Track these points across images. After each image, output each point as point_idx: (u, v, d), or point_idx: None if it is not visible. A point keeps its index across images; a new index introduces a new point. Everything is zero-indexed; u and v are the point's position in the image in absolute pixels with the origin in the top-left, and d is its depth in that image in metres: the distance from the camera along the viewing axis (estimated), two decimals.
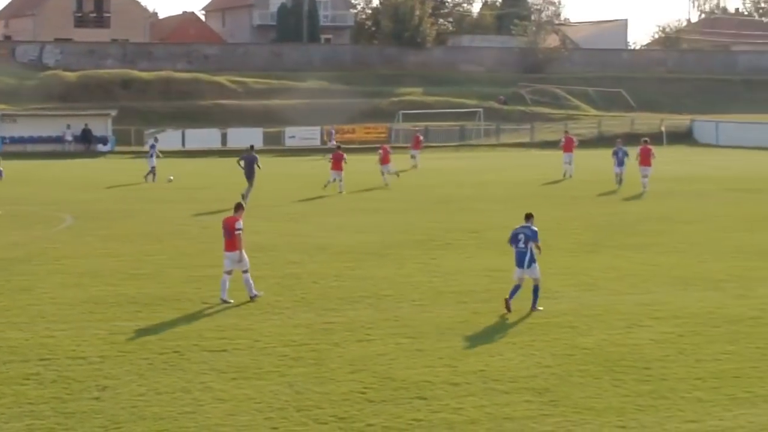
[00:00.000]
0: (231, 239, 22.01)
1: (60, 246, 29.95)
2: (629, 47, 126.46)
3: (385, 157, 49.18)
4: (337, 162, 45.45)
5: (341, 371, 16.79)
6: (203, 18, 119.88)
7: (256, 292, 22.19)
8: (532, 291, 21.09)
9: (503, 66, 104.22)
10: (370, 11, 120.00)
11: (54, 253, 28.54)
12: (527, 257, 21.01)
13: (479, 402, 15.24)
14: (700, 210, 38.31)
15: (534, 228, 21.24)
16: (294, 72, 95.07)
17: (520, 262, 21.12)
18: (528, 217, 21.53)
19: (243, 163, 42.07)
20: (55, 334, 19.23)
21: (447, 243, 30.33)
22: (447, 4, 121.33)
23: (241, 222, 22.22)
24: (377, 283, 24.06)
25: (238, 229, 21.95)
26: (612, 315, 20.77)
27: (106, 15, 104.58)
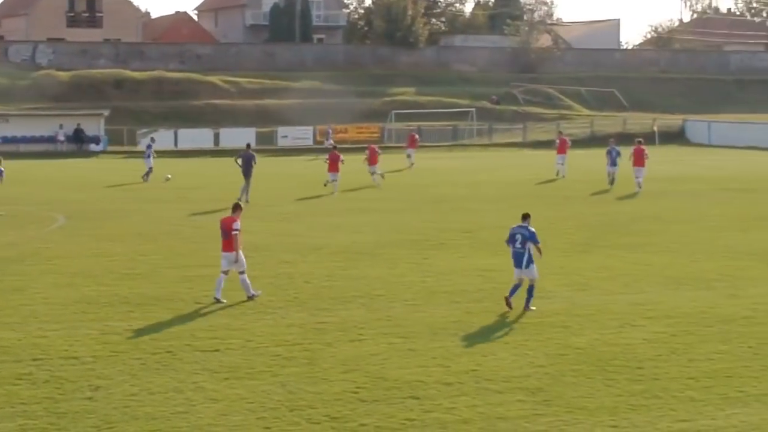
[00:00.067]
0: (228, 240, 22.02)
1: (53, 246, 29.90)
2: (622, 47, 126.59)
3: (373, 157, 48.96)
4: (333, 163, 45.31)
5: (334, 371, 16.79)
6: (196, 18, 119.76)
7: (253, 291, 22.18)
8: (526, 290, 21.12)
9: (496, 66, 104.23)
10: (362, 11, 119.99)
11: (47, 253, 28.50)
12: (525, 258, 21.00)
13: (472, 402, 15.26)
14: (692, 210, 38.36)
15: (531, 228, 21.23)
16: (287, 72, 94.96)
17: (518, 262, 21.12)
18: (525, 217, 21.53)
19: (240, 161, 42.56)
20: (48, 334, 19.21)
21: (440, 243, 30.33)
22: (439, 3, 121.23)
23: (239, 223, 22.22)
24: (370, 283, 24.07)
25: (235, 230, 21.95)
26: (605, 315, 20.80)
27: (98, 15, 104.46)
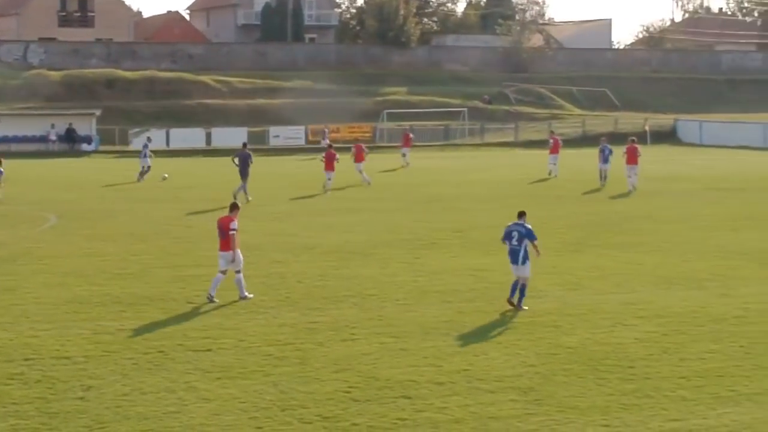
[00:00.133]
0: (225, 239, 22.01)
1: (44, 246, 29.85)
2: (613, 47, 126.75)
3: (359, 155, 49.24)
4: (330, 162, 45.55)
5: (326, 371, 16.79)
6: (188, 17, 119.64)
7: (246, 293, 22.18)
8: (518, 290, 21.16)
9: (487, 65, 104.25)
10: (354, 10, 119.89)
11: (38, 253, 28.46)
12: (521, 254, 21.12)
13: (464, 401, 15.27)
14: (683, 209, 38.41)
15: (528, 225, 21.37)
16: (278, 71, 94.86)
17: (514, 259, 21.25)
18: (521, 215, 21.65)
19: (237, 161, 42.61)
20: (40, 333, 19.18)
21: (432, 242, 30.34)
22: (431, 3, 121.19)
23: (236, 222, 22.21)
24: (362, 283, 24.07)
25: (232, 230, 21.95)
26: (596, 314, 20.83)
27: (90, 14, 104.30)
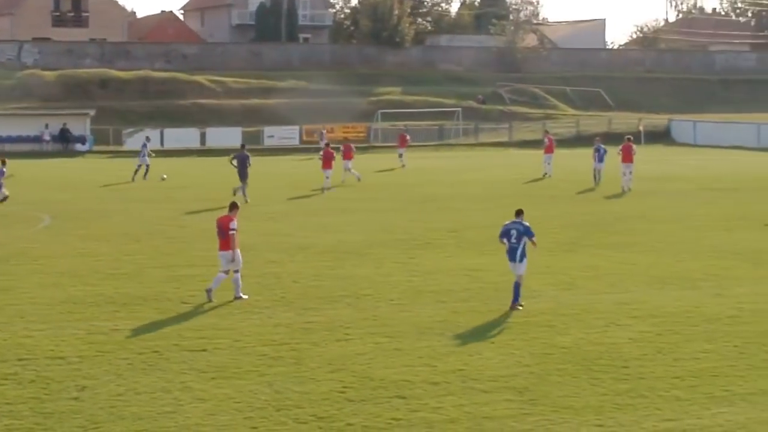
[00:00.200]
0: (225, 239, 22.03)
1: (38, 246, 29.83)
2: (607, 47, 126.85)
3: (347, 153, 49.60)
4: (328, 161, 45.81)
5: (321, 371, 16.80)
6: (182, 17, 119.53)
7: (241, 294, 22.18)
8: (513, 288, 21.21)
9: (481, 65, 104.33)
10: (348, 11, 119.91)
11: (32, 253, 28.43)
12: (519, 252, 21.22)
13: (459, 401, 15.28)
14: (677, 209, 38.46)
15: (526, 223, 21.51)
16: (273, 71, 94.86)
17: (512, 257, 21.37)
18: (518, 213, 21.78)
19: (236, 162, 42.53)
20: (34, 334, 19.17)
21: (426, 242, 30.36)
22: (425, 3, 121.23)
23: (236, 222, 22.23)
24: (357, 283, 24.08)
25: (232, 229, 21.96)
26: (590, 314, 20.85)
27: (84, 14, 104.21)
